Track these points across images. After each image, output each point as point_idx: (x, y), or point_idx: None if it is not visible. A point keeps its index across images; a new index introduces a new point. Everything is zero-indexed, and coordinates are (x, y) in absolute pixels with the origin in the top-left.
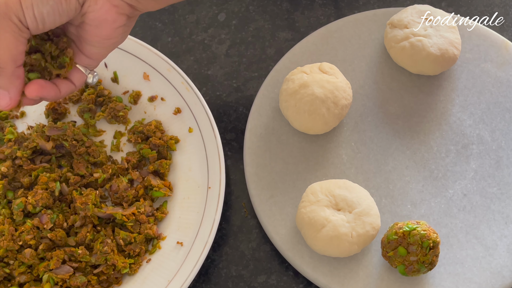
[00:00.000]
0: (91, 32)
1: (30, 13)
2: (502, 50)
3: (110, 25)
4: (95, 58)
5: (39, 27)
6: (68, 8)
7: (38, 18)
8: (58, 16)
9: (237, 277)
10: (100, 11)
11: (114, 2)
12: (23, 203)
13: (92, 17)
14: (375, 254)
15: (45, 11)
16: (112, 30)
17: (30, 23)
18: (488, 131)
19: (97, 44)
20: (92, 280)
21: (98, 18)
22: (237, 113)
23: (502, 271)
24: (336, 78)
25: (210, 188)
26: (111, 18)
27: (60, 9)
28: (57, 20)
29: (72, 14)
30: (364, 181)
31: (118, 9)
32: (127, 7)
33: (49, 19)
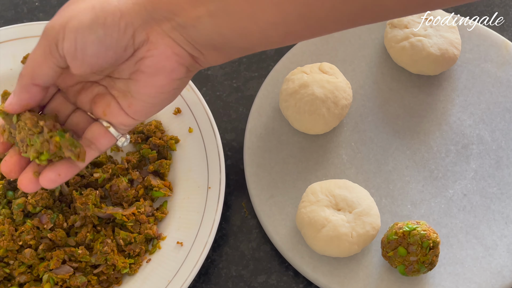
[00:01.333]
0: (144, 81)
1: (71, 40)
2: (502, 50)
3: (168, 74)
4: (137, 116)
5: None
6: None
7: (79, 46)
8: (104, 49)
9: (237, 277)
10: (160, 57)
11: (175, 50)
12: (23, 203)
13: (149, 63)
14: (375, 254)
15: (90, 40)
16: (168, 81)
17: (67, 49)
18: (488, 131)
19: (147, 98)
20: (92, 280)
21: (156, 65)
22: (237, 113)
23: (502, 271)
24: (336, 78)
25: (210, 188)
26: (170, 67)
27: (108, 42)
28: (101, 54)
29: (121, 52)
30: (364, 181)
31: (179, 58)
32: (189, 58)
33: (92, 50)
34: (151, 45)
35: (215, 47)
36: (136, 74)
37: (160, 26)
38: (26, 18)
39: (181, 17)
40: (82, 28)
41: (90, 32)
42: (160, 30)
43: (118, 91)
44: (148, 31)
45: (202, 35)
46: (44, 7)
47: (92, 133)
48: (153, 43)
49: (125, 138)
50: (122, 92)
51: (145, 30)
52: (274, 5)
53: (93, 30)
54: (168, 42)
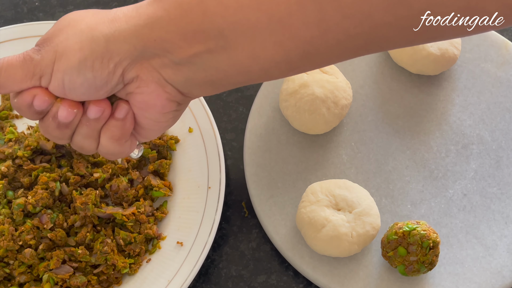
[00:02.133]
0: (137, 113)
1: (59, 79)
2: (502, 50)
3: (159, 110)
4: (143, 136)
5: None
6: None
7: (67, 86)
8: (94, 89)
9: (237, 277)
10: (150, 95)
11: (166, 88)
12: (23, 203)
13: (139, 99)
14: (375, 254)
15: (79, 81)
16: (160, 115)
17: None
18: (488, 131)
19: (144, 126)
20: (92, 280)
21: (146, 102)
22: (237, 113)
23: (502, 271)
24: (336, 78)
25: (210, 188)
26: (160, 104)
27: (97, 83)
28: (90, 93)
29: (110, 88)
30: (364, 181)
31: (169, 95)
32: (179, 95)
33: (81, 90)
34: (141, 82)
35: (212, 82)
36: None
37: (149, 63)
38: (26, 18)
39: (175, 55)
40: (70, 70)
41: (78, 75)
42: (151, 67)
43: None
44: (138, 68)
45: (199, 71)
46: (44, 7)
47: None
48: (143, 81)
49: (138, 149)
50: None
51: (134, 67)
52: (275, 44)
53: (81, 73)
54: (158, 79)
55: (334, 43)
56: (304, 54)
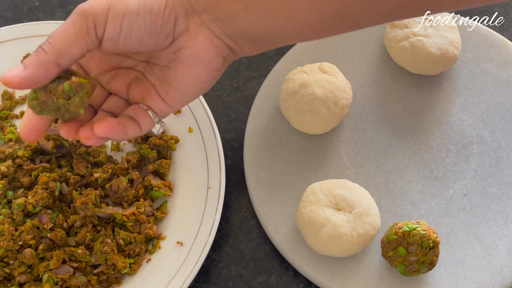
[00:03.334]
0: (182, 71)
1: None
2: (502, 50)
3: (206, 65)
4: (174, 104)
5: (119, 41)
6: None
7: (124, 31)
8: (148, 35)
9: (237, 277)
10: (199, 48)
11: (214, 41)
12: (23, 203)
13: (188, 53)
14: (375, 254)
15: (137, 25)
16: (206, 71)
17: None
18: (488, 131)
19: (184, 87)
20: (92, 280)
21: (195, 55)
22: (237, 113)
23: (502, 271)
24: (336, 78)
25: (210, 188)
26: (208, 57)
27: (153, 28)
28: (144, 40)
29: (162, 39)
30: (364, 181)
31: (217, 49)
32: (226, 49)
33: (136, 35)
34: (190, 35)
35: (252, 40)
36: (174, 63)
37: (199, 17)
38: (26, 18)
39: (219, 10)
40: (130, 13)
41: (137, 18)
42: (199, 21)
43: (156, 78)
44: (188, 21)
45: (239, 29)
46: (44, 7)
47: (134, 112)
48: (192, 34)
49: (161, 125)
50: (159, 80)
51: (185, 20)
52: (309, 3)
53: (140, 16)
54: (206, 33)
55: (364, 4)
56: (335, 14)
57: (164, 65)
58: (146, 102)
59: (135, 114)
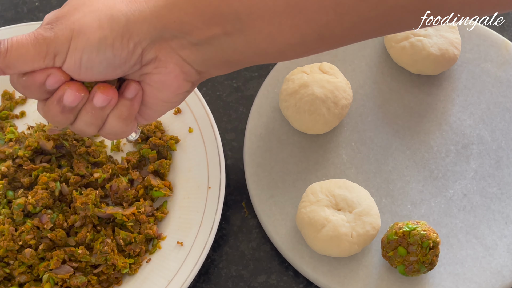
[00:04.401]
0: (150, 92)
1: (76, 59)
2: (502, 50)
3: (173, 90)
4: (146, 118)
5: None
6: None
7: (85, 64)
8: (112, 68)
9: (237, 277)
10: (168, 76)
11: (184, 68)
12: (23, 203)
13: (156, 79)
14: (375, 254)
15: (98, 60)
16: (173, 95)
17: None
18: (488, 131)
19: (152, 106)
20: (92, 280)
21: (163, 82)
22: (237, 113)
23: (502, 271)
24: (336, 78)
25: (210, 188)
26: (176, 84)
27: (116, 62)
28: (108, 72)
29: (128, 69)
30: (364, 181)
31: (187, 76)
32: (196, 74)
33: (99, 68)
34: (160, 63)
35: (229, 62)
36: (142, 83)
37: (168, 44)
38: (26, 18)
39: (193, 36)
40: (90, 48)
41: (98, 53)
42: (169, 48)
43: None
44: (157, 49)
45: (217, 52)
46: (44, 7)
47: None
48: (162, 61)
49: (136, 132)
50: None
51: (153, 48)
52: (292, 27)
53: (101, 51)
54: (177, 60)
55: (349, 26)
56: (319, 37)
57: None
58: None
59: None
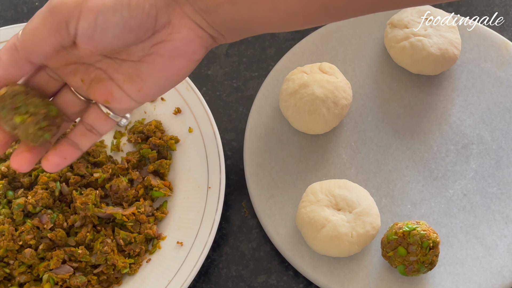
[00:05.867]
0: (161, 65)
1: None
2: (502, 50)
3: (188, 57)
4: (146, 99)
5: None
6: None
7: (100, 26)
8: (127, 31)
9: (237, 277)
10: (182, 41)
11: (198, 32)
12: (23, 203)
13: (170, 46)
14: (375, 254)
15: (114, 21)
16: (188, 63)
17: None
18: (488, 131)
19: (161, 80)
20: (92, 280)
21: (178, 48)
22: (237, 113)
23: (502, 271)
24: (336, 78)
25: (210, 188)
26: (192, 49)
27: (132, 23)
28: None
29: (141, 34)
30: (364, 181)
31: (201, 40)
32: (210, 39)
33: (114, 31)
34: (174, 28)
35: (235, 29)
36: (151, 57)
37: (182, 9)
38: (26, 18)
39: (202, 2)
40: (105, 8)
41: (113, 13)
42: (182, 13)
43: (124, 75)
44: (171, 13)
45: (223, 20)
46: None
47: (92, 119)
48: (175, 27)
49: (126, 118)
50: (128, 76)
51: (167, 12)
52: None
53: (117, 11)
54: (190, 25)
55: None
56: (322, 6)
57: (137, 60)
58: (109, 105)
59: (93, 122)
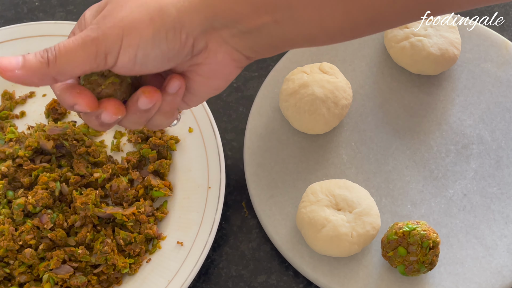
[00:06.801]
0: (198, 82)
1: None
2: (502, 50)
3: (223, 77)
4: (189, 104)
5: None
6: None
7: (140, 60)
8: (166, 61)
9: (237, 277)
10: (218, 65)
11: (234, 56)
12: (23, 203)
13: (207, 69)
14: (375, 254)
15: (153, 54)
16: (223, 82)
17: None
18: (488, 131)
19: (198, 93)
20: (92, 280)
21: (214, 71)
22: (237, 113)
23: (502, 271)
24: (336, 78)
25: (210, 188)
26: (227, 71)
27: (170, 54)
28: (163, 65)
29: (179, 60)
30: (364, 181)
31: (237, 63)
32: (245, 59)
33: (153, 63)
34: (210, 52)
35: (276, 47)
36: (191, 73)
37: (219, 33)
38: (26, 18)
39: (243, 24)
40: (145, 43)
41: (152, 48)
42: (219, 37)
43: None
44: (208, 38)
45: (266, 39)
46: (44, 7)
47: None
48: (212, 51)
49: (177, 118)
50: None
51: (204, 38)
52: (344, 13)
53: (156, 46)
54: (226, 49)
55: (401, 9)
56: (371, 21)
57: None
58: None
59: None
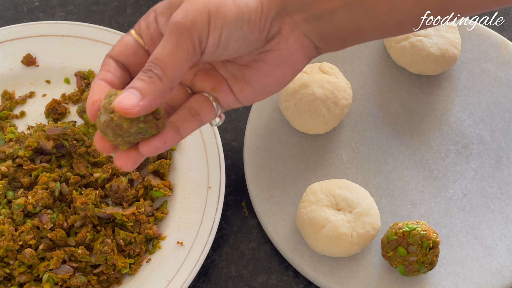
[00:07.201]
0: (265, 71)
1: (216, 37)
2: (502, 50)
3: (291, 66)
4: (246, 102)
5: (216, 53)
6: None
7: (223, 42)
8: (245, 45)
9: (237, 277)
10: (288, 51)
11: (304, 43)
12: (23, 203)
13: (276, 55)
14: (375, 254)
15: (235, 36)
16: (290, 72)
17: (210, 47)
18: (488, 131)
19: (264, 86)
20: (92, 280)
21: (283, 57)
22: (237, 113)
23: (502, 271)
24: (336, 78)
25: (210, 188)
26: (296, 59)
27: (250, 38)
28: (240, 49)
29: (255, 46)
30: (364, 181)
31: (306, 51)
32: (314, 49)
33: (234, 46)
34: (282, 37)
35: (345, 37)
36: (257, 63)
37: (291, 18)
38: (26, 18)
39: (316, 8)
40: (228, 24)
41: (235, 29)
42: (292, 22)
43: (228, 73)
44: (281, 23)
45: (336, 27)
46: (44, 7)
47: (198, 104)
48: (283, 36)
49: (221, 118)
50: (233, 75)
51: (278, 21)
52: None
53: (239, 27)
54: (297, 35)
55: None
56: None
57: (244, 64)
58: (215, 94)
59: (199, 107)
